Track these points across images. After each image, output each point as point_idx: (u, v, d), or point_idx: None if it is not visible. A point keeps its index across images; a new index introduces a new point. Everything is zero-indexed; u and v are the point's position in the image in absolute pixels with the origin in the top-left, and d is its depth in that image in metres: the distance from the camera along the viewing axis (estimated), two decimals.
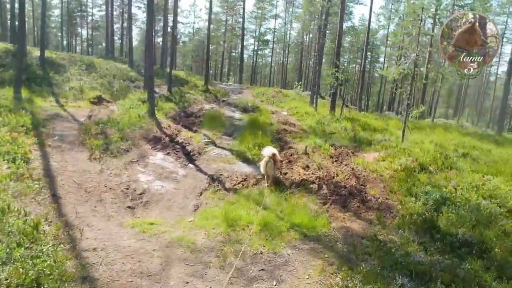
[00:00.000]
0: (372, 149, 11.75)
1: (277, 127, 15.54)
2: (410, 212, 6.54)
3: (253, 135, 11.38)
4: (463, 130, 21.33)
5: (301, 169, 9.07)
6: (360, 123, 17.13)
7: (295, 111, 20.87)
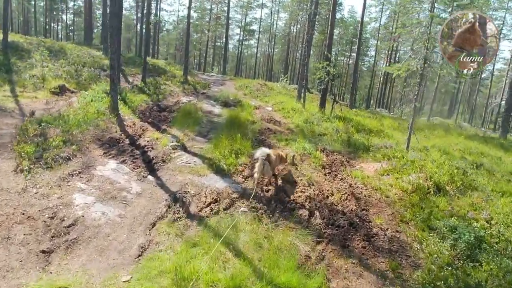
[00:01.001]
0: (370, 157, 10.18)
1: (260, 126, 13.82)
2: (437, 261, 4.96)
3: (231, 138, 9.63)
4: (463, 132, 20.12)
5: (287, 185, 7.42)
6: (353, 123, 15.57)
7: (281, 106, 19.17)
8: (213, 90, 23.23)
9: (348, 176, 8.44)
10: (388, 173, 8.47)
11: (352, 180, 8.10)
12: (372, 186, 7.71)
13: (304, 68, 21.28)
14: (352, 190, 7.40)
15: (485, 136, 20.77)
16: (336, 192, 7.28)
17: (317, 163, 9.06)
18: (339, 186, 7.67)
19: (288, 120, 16.59)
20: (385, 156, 9.79)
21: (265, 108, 19.18)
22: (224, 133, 10.57)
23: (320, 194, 7.14)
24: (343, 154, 11.09)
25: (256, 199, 6.31)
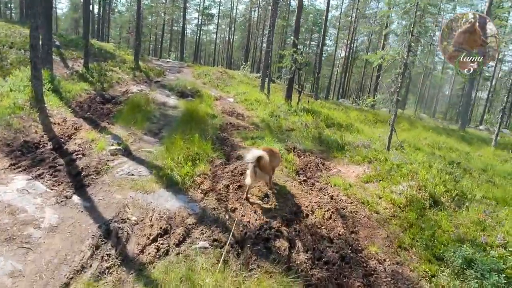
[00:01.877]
0: (347, 159, 8.95)
1: (221, 120, 12.17)
2: None
3: (188, 139, 7.93)
4: (426, 124, 19.85)
5: (258, 201, 5.92)
6: (322, 116, 14.37)
7: (244, 97, 17.58)
8: (168, 78, 21.03)
9: (327, 184, 7.12)
10: (373, 180, 7.28)
11: (333, 190, 6.79)
12: (358, 198, 6.44)
13: (268, 55, 19.76)
14: (336, 205, 6.07)
15: (446, 128, 20.71)
16: (317, 208, 5.91)
17: (290, 168, 7.65)
18: (319, 199, 6.31)
19: (252, 113, 15.07)
20: (365, 158, 8.60)
21: (227, 99, 17.50)
22: (180, 131, 8.83)
23: (299, 213, 5.73)
24: (316, 154, 9.81)
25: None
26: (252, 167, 5.56)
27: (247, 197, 5.93)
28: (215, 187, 6.20)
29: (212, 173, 6.67)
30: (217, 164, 7.21)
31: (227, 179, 6.52)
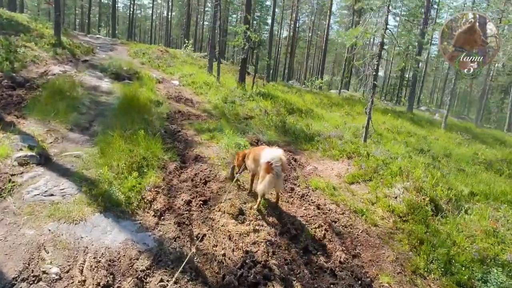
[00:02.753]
0: (320, 152, 7.88)
1: (168, 108, 10.38)
2: None
3: (130, 139, 6.16)
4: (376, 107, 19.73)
5: (231, 221, 4.51)
6: (279, 101, 13.15)
7: (191, 80, 15.72)
8: (99, 56, 18.20)
9: (308, 188, 5.93)
10: (358, 180, 6.27)
11: (317, 196, 5.62)
12: (348, 207, 5.36)
13: (214, 33, 17.90)
14: (326, 218, 4.91)
15: (395, 110, 20.93)
16: (305, 223, 4.69)
17: None
18: (304, 210, 5.11)
19: (202, 98, 13.38)
20: (343, 153, 7.58)
21: (171, 82, 15.49)
22: (118, 125, 7.00)
23: (285, 233, 4.46)
24: (282, 146, 8.60)
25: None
26: (276, 170, 4.42)
27: (260, 209, 4.74)
28: (173, 205, 4.65)
29: (166, 184, 5.08)
30: (171, 169, 5.61)
31: (188, 191, 4.99)
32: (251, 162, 4.95)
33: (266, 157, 4.51)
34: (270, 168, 4.42)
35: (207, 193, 4.97)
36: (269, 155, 4.52)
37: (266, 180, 4.45)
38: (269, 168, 4.42)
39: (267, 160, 4.46)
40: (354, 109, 17.16)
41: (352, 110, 17.07)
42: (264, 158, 4.54)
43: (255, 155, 4.90)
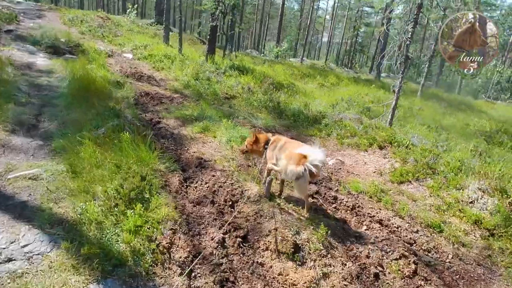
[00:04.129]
0: (334, 139, 6.71)
1: (131, 89, 8.44)
2: None
3: (107, 143, 4.40)
4: (345, 75, 19.03)
5: (288, 264, 3.19)
6: (257, 74, 11.60)
7: (147, 52, 13.45)
8: (26, 25, 14.89)
9: (351, 193, 4.76)
10: (408, 178, 5.20)
11: (370, 206, 4.47)
12: (417, 220, 4.29)
13: None
14: (399, 240, 3.80)
15: (364, 79, 20.43)
16: (382, 254, 3.54)
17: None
18: (367, 230, 3.96)
19: (166, 74, 11.41)
20: (372, 141, 6.41)
21: (123, 56, 13.11)
22: (79, 119, 5.18)
23: (364, 273, 3.29)
24: (280, 131, 7.32)
25: None
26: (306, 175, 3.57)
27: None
28: (201, 248, 3.19)
29: (180, 213, 3.56)
30: (175, 186, 4.05)
31: (213, 222, 3.53)
32: (284, 158, 3.78)
33: (317, 157, 3.59)
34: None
35: (242, 222, 3.55)
36: (318, 155, 3.62)
37: (298, 182, 3.66)
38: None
39: (317, 161, 3.57)
40: (327, 79, 16.19)
41: (326, 81, 16.11)
42: (314, 158, 3.58)
43: (289, 147, 3.93)
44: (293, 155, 3.70)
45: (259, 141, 4.28)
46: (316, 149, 3.71)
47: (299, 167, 3.53)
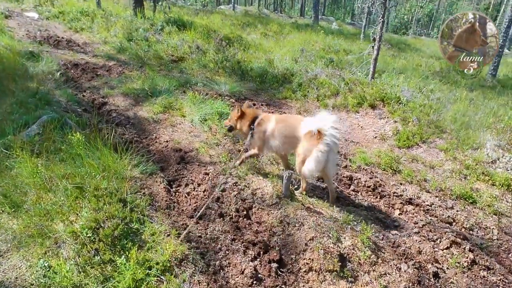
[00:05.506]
0: (314, 101, 5.98)
1: (52, 62, 6.64)
2: None
3: (50, 154, 3.12)
4: (284, 22, 17.95)
5: (341, 282, 2.54)
6: (198, 28, 10.07)
7: (56, 9, 11.04)
8: None
9: (362, 168, 4.18)
10: (416, 141, 4.72)
11: (392, 183, 3.94)
12: (445, 192, 3.87)
13: None
14: (442, 224, 3.37)
15: (303, 24, 19.58)
16: (431, 244, 3.06)
17: None
18: (401, 215, 3.45)
19: (89, 36, 9.48)
20: (359, 99, 5.75)
21: (25, 16, 10.55)
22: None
23: (424, 276, 2.78)
24: (249, 96, 6.42)
25: None
26: (330, 141, 3.02)
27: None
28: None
29: (187, 241, 2.62)
30: (162, 196, 3.04)
31: (230, 242, 2.68)
32: (277, 137, 3.31)
33: (314, 124, 3.06)
34: (320, 139, 3.00)
35: (268, 237, 2.75)
36: (319, 121, 3.07)
37: (314, 155, 3.01)
38: (320, 138, 3.00)
39: (316, 128, 3.02)
40: (269, 28, 15.07)
41: (268, 29, 14.99)
42: (309, 126, 3.09)
43: (284, 127, 3.32)
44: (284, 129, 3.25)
45: (244, 117, 3.51)
46: (319, 115, 3.11)
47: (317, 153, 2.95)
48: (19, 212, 2.56)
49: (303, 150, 3.10)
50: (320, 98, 6.04)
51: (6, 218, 2.53)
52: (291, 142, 3.25)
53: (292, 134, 3.22)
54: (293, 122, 3.31)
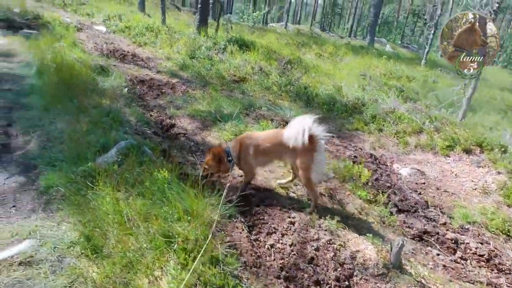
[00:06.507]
0: (392, 137, 5.51)
1: (119, 77, 6.69)
2: None
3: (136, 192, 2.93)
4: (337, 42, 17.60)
5: None
6: (257, 48, 9.94)
7: (123, 24, 11.38)
8: None
9: (465, 228, 3.60)
10: None
11: (503, 250, 3.36)
12: None
13: None
14: None
15: (359, 45, 19.10)
16: None
17: (356, 187, 3.76)
18: None
19: (151, 51, 9.61)
20: (450, 141, 5.15)
21: (94, 29, 10.96)
22: (68, 132, 3.67)
23: None
24: None
25: None
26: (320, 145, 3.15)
27: None
28: None
29: None
30: (246, 248, 2.70)
31: None
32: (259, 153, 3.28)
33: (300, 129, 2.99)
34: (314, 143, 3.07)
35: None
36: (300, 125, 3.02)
37: (318, 159, 3.12)
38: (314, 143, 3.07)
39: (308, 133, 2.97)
40: (324, 49, 14.76)
41: (322, 50, 14.68)
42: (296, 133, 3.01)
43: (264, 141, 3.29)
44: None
45: (218, 155, 3.33)
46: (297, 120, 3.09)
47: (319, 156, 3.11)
48: (99, 258, 2.33)
49: (303, 158, 3.11)
50: (399, 135, 5.52)
51: (86, 263, 2.31)
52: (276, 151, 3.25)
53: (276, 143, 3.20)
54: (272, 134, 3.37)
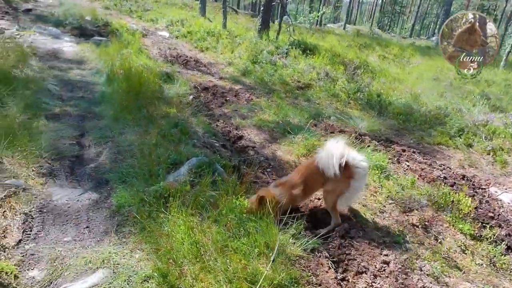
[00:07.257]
0: (483, 154, 4.80)
1: (184, 84, 6.63)
2: None
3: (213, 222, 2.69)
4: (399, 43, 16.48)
5: None
6: (322, 52, 9.46)
7: (185, 29, 11.54)
8: (45, 2, 13.10)
9: None
10: None
11: None
12: None
13: None
14: None
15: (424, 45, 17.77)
16: None
17: (463, 225, 3.19)
18: None
19: (213, 56, 9.53)
20: None
21: (157, 34, 11.23)
22: (138, 144, 3.56)
23: None
24: (391, 137, 5.42)
25: None
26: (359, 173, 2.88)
27: None
28: None
29: None
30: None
31: None
32: (307, 180, 2.98)
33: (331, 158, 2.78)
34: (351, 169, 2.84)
35: None
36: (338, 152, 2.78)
37: (353, 187, 2.90)
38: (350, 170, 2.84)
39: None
40: (388, 50, 13.82)
41: (386, 52, 13.75)
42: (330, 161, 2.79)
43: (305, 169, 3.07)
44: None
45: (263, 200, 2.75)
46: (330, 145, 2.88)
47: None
48: None
49: (335, 184, 2.88)
50: (495, 153, 4.77)
51: None
52: (315, 179, 2.97)
53: (314, 170, 2.94)
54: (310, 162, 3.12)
